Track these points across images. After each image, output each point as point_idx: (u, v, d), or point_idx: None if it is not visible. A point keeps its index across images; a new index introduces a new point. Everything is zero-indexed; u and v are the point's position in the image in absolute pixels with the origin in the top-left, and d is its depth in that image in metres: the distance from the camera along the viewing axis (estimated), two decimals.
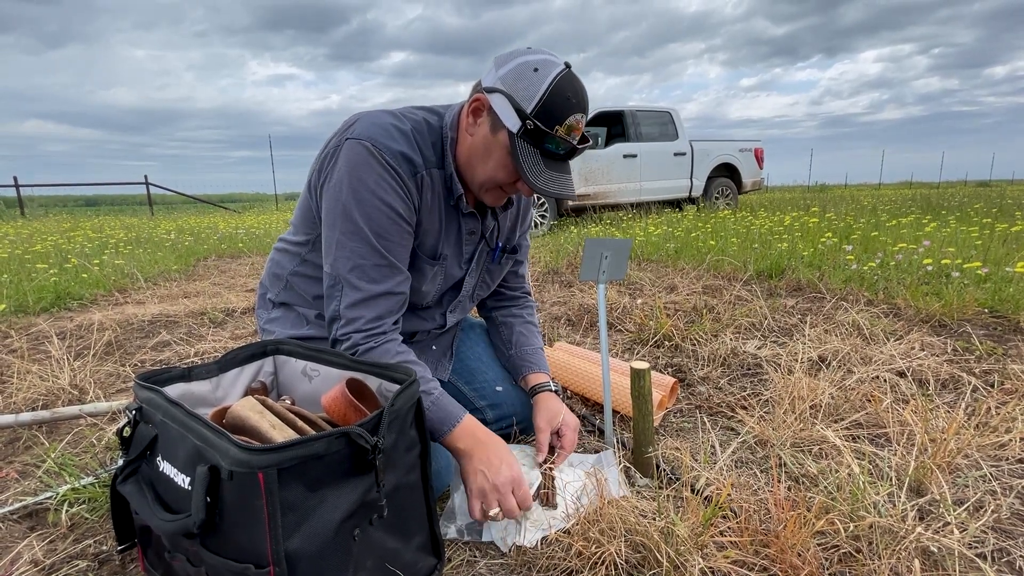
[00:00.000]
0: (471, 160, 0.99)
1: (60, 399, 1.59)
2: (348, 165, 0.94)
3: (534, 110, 0.89)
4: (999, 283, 2.48)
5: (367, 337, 0.97)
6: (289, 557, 0.61)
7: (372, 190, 0.94)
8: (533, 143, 0.92)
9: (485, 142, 0.96)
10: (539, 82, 0.89)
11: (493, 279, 1.23)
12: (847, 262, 3.14)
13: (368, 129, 0.95)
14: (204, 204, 15.95)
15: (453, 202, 1.05)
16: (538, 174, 0.93)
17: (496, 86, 0.91)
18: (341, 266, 0.96)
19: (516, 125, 0.90)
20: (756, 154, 8.17)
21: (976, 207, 6.60)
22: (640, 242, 4.43)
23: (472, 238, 1.11)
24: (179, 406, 0.70)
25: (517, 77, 0.90)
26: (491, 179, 0.98)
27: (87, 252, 4.65)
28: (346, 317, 0.97)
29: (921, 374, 1.59)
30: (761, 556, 0.83)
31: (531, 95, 0.89)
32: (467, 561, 0.89)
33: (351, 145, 0.94)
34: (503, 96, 0.90)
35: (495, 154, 0.95)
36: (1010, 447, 1.16)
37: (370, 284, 0.96)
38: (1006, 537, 0.91)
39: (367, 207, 0.94)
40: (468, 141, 0.99)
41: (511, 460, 0.93)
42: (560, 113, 0.90)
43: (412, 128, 0.99)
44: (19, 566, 0.88)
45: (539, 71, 0.89)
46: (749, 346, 1.88)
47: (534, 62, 0.90)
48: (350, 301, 0.97)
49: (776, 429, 1.25)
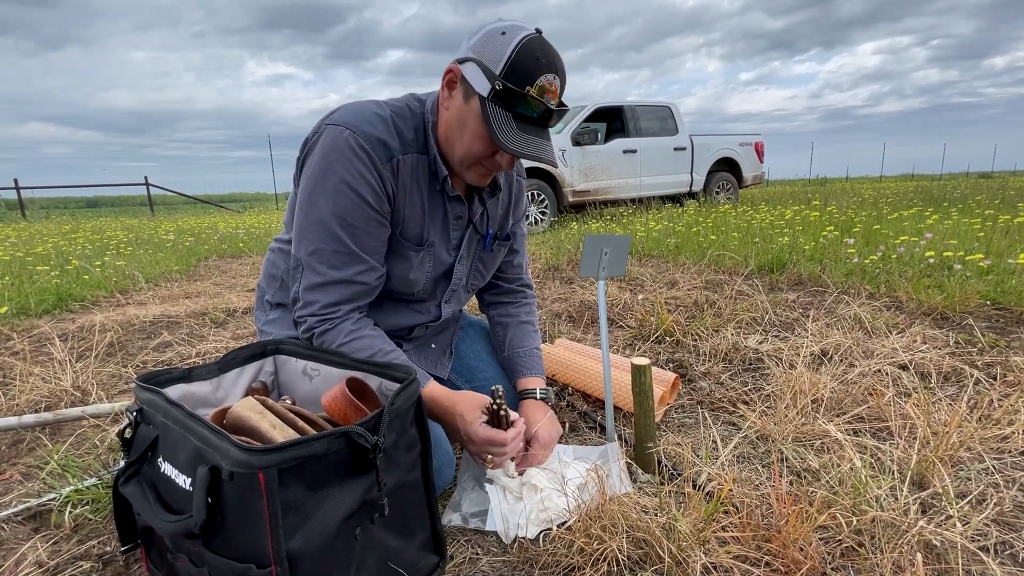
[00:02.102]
0: (449, 136, 0.98)
1: (63, 401, 1.59)
2: (323, 152, 0.94)
3: (503, 71, 0.88)
4: (1001, 275, 2.47)
5: (321, 320, 0.98)
6: (291, 557, 0.61)
7: (341, 176, 0.93)
8: (505, 106, 0.90)
9: (460, 113, 0.95)
10: (506, 44, 0.88)
11: (487, 268, 1.21)
12: (849, 256, 3.13)
13: (346, 115, 0.96)
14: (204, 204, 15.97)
15: (439, 186, 1.04)
16: (511, 136, 0.90)
17: (467, 55, 0.91)
18: (302, 249, 0.98)
19: (486, 88, 0.89)
20: (756, 148, 8.15)
21: (978, 199, 6.58)
22: (641, 238, 4.42)
23: (459, 223, 1.10)
24: (179, 407, 0.70)
25: (485, 43, 0.90)
26: (468, 152, 0.96)
27: (88, 254, 4.65)
28: (304, 300, 0.98)
29: (923, 367, 1.58)
30: (763, 551, 0.83)
31: (499, 57, 0.88)
32: (469, 559, 0.89)
33: (327, 131, 0.95)
34: (473, 63, 0.90)
35: (470, 124, 0.93)
36: (1013, 440, 1.16)
37: (328, 269, 0.97)
38: (1009, 530, 0.91)
39: (333, 193, 0.94)
40: (445, 116, 0.98)
41: (467, 421, 0.96)
42: (530, 73, 0.88)
43: (392, 113, 0.99)
44: (23, 567, 0.88)
45: (506, 34, 0.89)
46: (750, 341, 1.88)
47: (502, 27, 0.90)
48: (307, 284, 0.98)
49: (778, 424, 1.25)
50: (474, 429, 0.95)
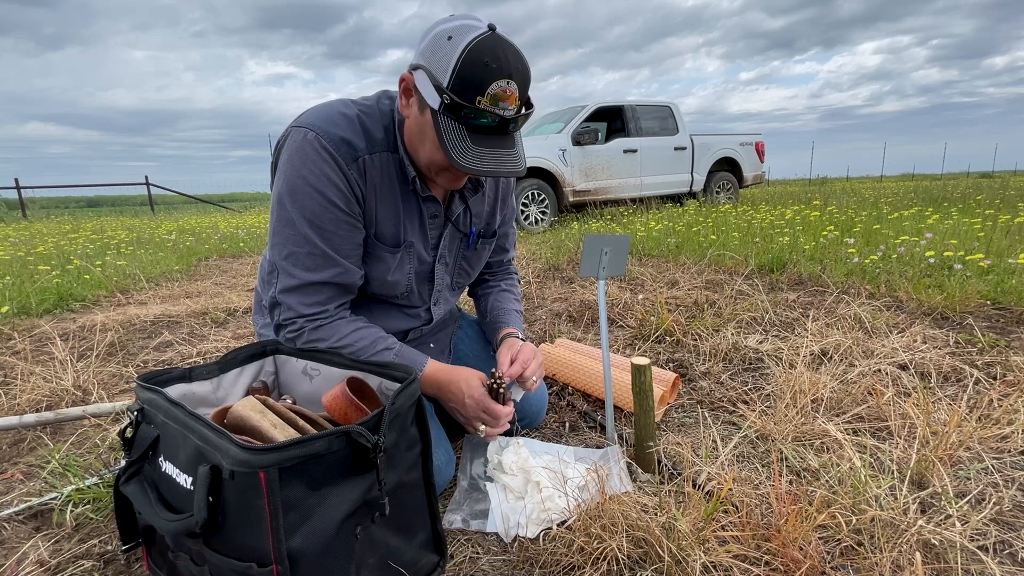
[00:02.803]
0: (412, 143, 0.96)
1: (64, 400, 1.59)
2: (289, 154, 0.94)
3: (449, 82, 0.82)
4: (1002, 275, 2.47)
5: (311, 319, 0.97)
6: (291, 556, 0.62)
7: (306, 178, 0.92)
8: (457, 118, 0.85)
9: (418, 123, 0.91)
10: (452, 51, 0.81)
11: (472, 266, 1.19)
12: (849, 255, 3.13)
13: (311, 117, 0.95)
14: (205, 204, 15.97)
15: (411, 186, 1.01)
16: (463, 151, 0.85)
17: (419, 62, 0.86)
18: (276, 252, 0.97)
19: (436, 101, 0.84)
20: (757, 148, 8.14)
21: (978, 198, 6.57)
22: (641, 237, 4.42)
23: (435, 222, 1.07)
24: (180, 407, 0.70)
25: (433, 49, 0.84)
26: (431, 161, 0.93)
27: (89, 253, 4.66)
28: (284, 303, 0.98)
29: (923, 367, 1.58)
30: (763, 550, 0.83)
31: (445, 67, 0.82)
32: (470, 558, 0.89)
33: (294, 133, 0.94)
34: (423, 72, 0.85)
35: (428, 134, 0.89)
36: (1012, 439, 1.16)
37: (304, 272, 0.96)
38: (1008, 529, 0.91)
39: (300, 195, 0.93)
40: (407, 123, 0.95)
41: (471, 384, 1.00)
42: (478, 82, 0.81)
43: (359, 112, 0.96)
44: (25, 566, 0.88)
45: (452, 39, 0.82)
46: (751, 341, 1.88)
47: (449, 30, 0.83)
48: (284, 286, 0.97)
49: (777, 423, 1.25)
50: (475, 394, 0.99)
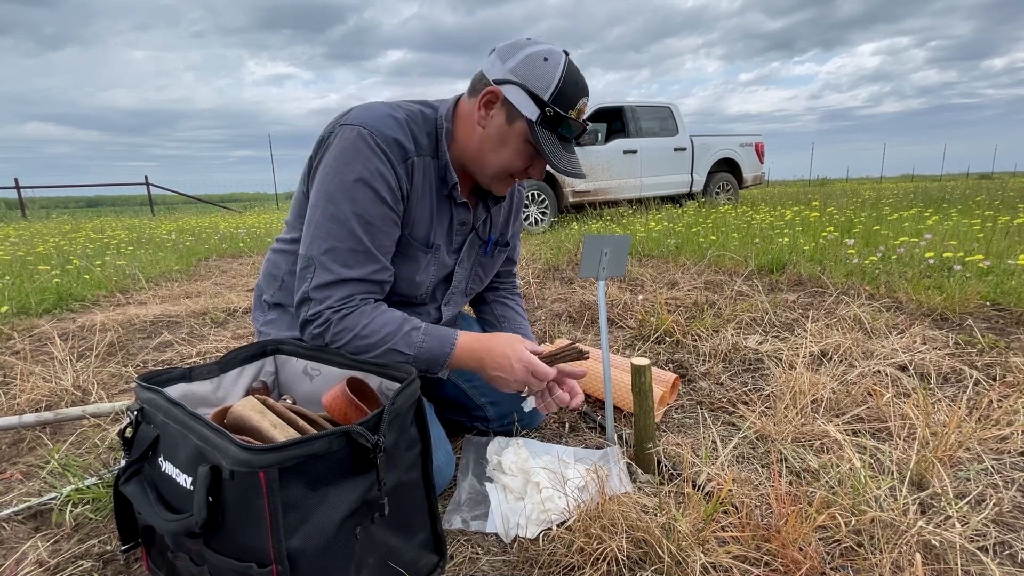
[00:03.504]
0: (482, 151, 1.01)
1: (63, 400, 1.59)
2: (339, 149, 0.95)
3: (551, 97, 0.94)
4: (1001, 276, 2.48)
5: (337, 310, 0.96)
6: (291, 556, 0.62)
7: (359, 173, 0.94)
8: (551, 129, 0.97)
9: (500, 132, 0.99)
10: (552, 71, 0.94)
11: (486, 272, 1.24)
12: (848, 256, 3.13)
13: (361, 115, 0.97)
14: (205, 204, 15.97)
15: (447, 192, 1.06)
16: (560, 157, 0.99)
17: (507, 78, 0.95)
18: (316, 247, 0.96)
19: (535, 113, 0.95)
20: (757, 149, 8.14)
21: (978, 199, 6.58)
22: (641, 238, 4.42)
23: (463, 228, 1.12)
24: (180, 406, 0.70)
25: (529, 67, 0.94)
26: (506, 167, 1.02)
27: (89, 253, 4.66)
28: (315, 298, 0.96)
29: (923, 368, 1.58)
30: (762, 551, 0.83)
31: (547, 84, 0.94)
32: (469, 558, 0.89)
33: (344, 130, 0.95)
34: (517, 87, 0.95)
35: (511, 143, 0.99)
36: (1012, 440, 1.16)
37: (342, 268, 0.95)
38: (1008, 530, 0.91)
39: (353, 191, 0.94)
40: (478, 133, 1.00)
41: (515, 348, 0.99)
42: (572, 98, 0.96)
43: (406, 116, 1.01)
44: (24, 566, 0.88)
45: (549, 60, 0.95)
46: (750, 341, 1.88)
47: (541, 52, 0.95)
48: (320, 282, 0.95)
49: (777, 424, 1.25)
50: (522, 356, 0.98)
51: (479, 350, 1.00)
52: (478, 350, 1.01)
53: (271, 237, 6.18)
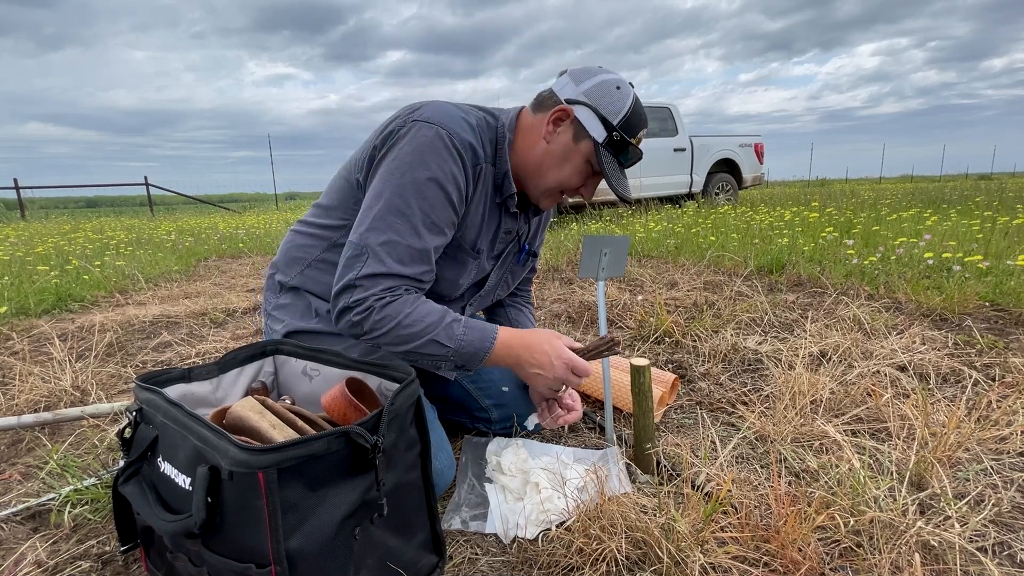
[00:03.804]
0: (543, 165, 1.04)
1: (62, 401, 1.59)
2: (413, 145, 0.94)
3: (620, 123, 0.99)
4: (1000, 276, 2.48)
5: (380, 298, 0.93)
6: (290, 556, 0.61)
7: (434, 174, 0.94)
8: (613, 152, 1.02)
9: (565, 149, 1.02)
10: (623, 99, 1.00)
11: (513, 280, 1.26)
12: (848, 257, 3.13)
13: (438, 115, 0.97)
14: (204, 204, 15.96)
15: (499, 200, 1.07)
16: (618, 180, 1.04)
17: (580, 99, 1.00)
18: (372, 237, 0.93)
19: (602, 135, 1.00)
20: (756, 149, 8.15)
21: (977, 200, 6.59)
22: (640, 238, 4.42)
23: (507, 237, 1.14)
24: (179, 407, 0.70)
25: (602, 93, 1.00)
26: (562, 184, 1.05)
27: (88, 254, 4.65)
28: (362, 285, 0.93)
29: (922, 368, 1.59)
30: (762, 551, 0.83)
31: (617, 110, 0.99)
32: (468, 559, 0.89)
33: (420, 127, 0.95)
34: (588, 109, 1.00)
35: (573, 161, 1.03)
36: (1011, 440, 1.16)
37: (395, 263, 0.93)
38: (1007, 531, 0.91)
39: (424, 189, 0.93)
40: (542, 147, 1.03)
41: (555, 345, 1.01)
42: (636, 127, 1.02)
43: (476, 122, 1.02)
44: (23, 567, 0.88)
45: (620, 89, 1.01)
46: (750, 342, 1.88)
47: (614, 80, 1.01)
48: (370, 271, 0.92)
49: (776, 425, 1.25)
50: (563, 354, 1.00)
51: (518, 347, 1.00)
52: (517, 347, 1.00)
53: (271, 237, 6.18)
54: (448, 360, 0.98)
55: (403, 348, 0.95)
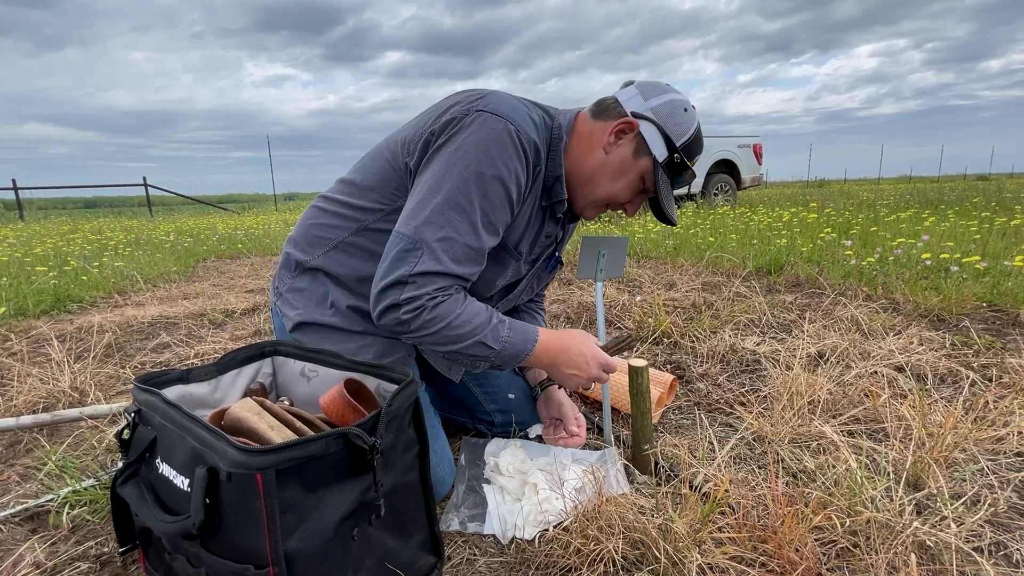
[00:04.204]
0: (596, 175, 1.01)
1: (60, 402, 1.59)
2: (480, 137, 0.88)
3: (683, 145, 0.98)
4: (998, 277, 2.48)
5: (433, 297, 0.88)
6: (288, 557, 0.62)
7: (500, 172, 0.88)
8: (670, 174, 1.00)
9: (623, 162, 0.99)
10: (689, 122, 0.98)
11: (538, 284, 1.22)
12: (846, 257, 3.14)
13: (504, 107, 0.91)
14: (203, 205, 15.95)
15: (546, 203, 1.03)
16: (669, 201, 1.02)
17: (647, 115, 0.98)
18: (430, 232, 0.87)
19: (663, 155, 0.98)
20: (755, 150, 8.16)
21: (975, 201, 6.60)
22: (639, 239, 4.43)
23: (546, 242, 1.10)
24: (177, 408, 0.70)
25: (670, 112, 0.98)
26: (612, 196, 1.02)
27: (86, 254, 4.65)
28: (415, 283, 0.87)
29: (919, 369, 1.59)
30: (759, 552, 0.83)
31: (683, 132, 0.98)
32: (467, 559, 0.89)
33: (487, 118, 0.89)
34: (654, 126, 0.97)
35: (628, 176, 1.00)
36: (1007, 441, 1.16)
37: (451, 262, 0.88)
38: (1003, 531, 0.92)
39: (488, 186, 0.88)
40: (599, 156, 1.00)
41: (589, 346, 1.01)
42: (695, 152, 1.01)
43: (538, 119, 0.98)
44: (21, 568, 0.88)
45: (688, 112, 0.99)
46: (748, 342, 1.88)
47: (683, 102, 0.99)
48: (424, 269, 0.87)
49: (774, 425, 1.25)
50: (597, 354, 1.01)
51: (555, 349, 0.99)
52: (554, 349, 0.99)
53: (269, 238, 6.18)
54: (489, 361, 0.95)
55: (447, 348, 0.91)
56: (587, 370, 1.00)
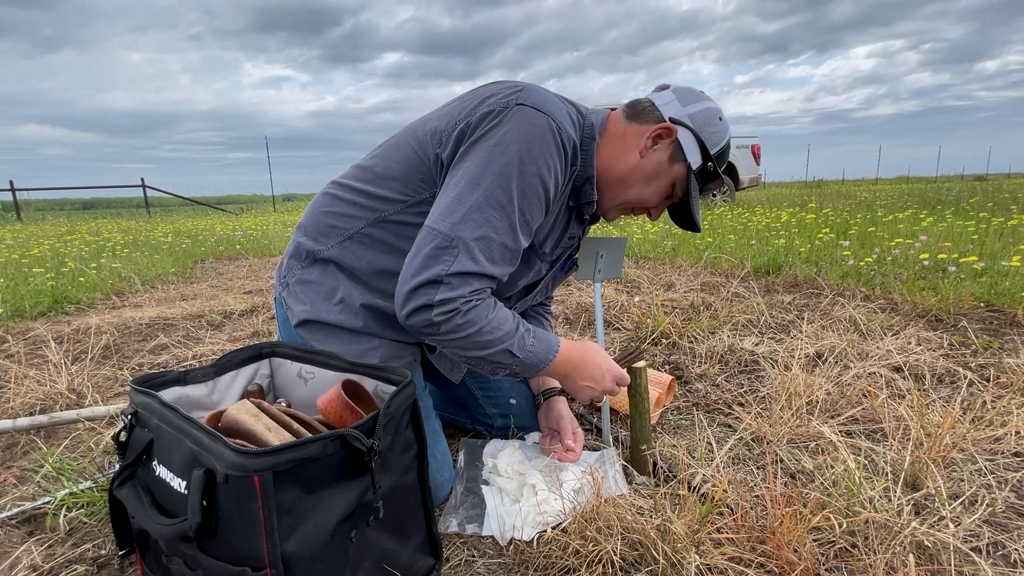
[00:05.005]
0: (628, 179, 0.99)
1: (58, 404, 1.58)
2: (522, 132, 0.85)
3: (716, 154, 0.98)
4: (995, 277, 2.49)
5: (468, 301, 0.85)
6: (286, 559, 0.61)
7: (541, 171, 0.86)
8: (701, 181, 1.00)
9: (657, 167, 0.98)
10: (723, 132, 0.99)
11: (553, 285, 1.21)
12: (844, 258, 3.14)
13: (545, 102, 0.88)
14: (201, 206, 15.92)
15: (573, 203, 1.01)
16: (698, 209, 1.03)
17: (685, 121, 0.97)
18: (467, 231, 0.83)
19: (698, 163, 0.98)
20: (753, 151, 8.17)
21: (972, 201, 6.61)
22: (638, 240, 4.43)
23: (569, 243, 1.09)
24: (174, 410, 0.70)
25: (706, 120, 0.98)
26: (641, 201, 1.02)
27: (84, 256, 4.64)
28: (451, 283, 0.83)
29: (917, 369, 1.59)
30: (757, 552, 0.83)
31: (717, 141, 0.98)
32: (465, 561, 0.89)
33: (527, 112, 0.86)
34: (691, 133, 0.97)
35: (660, 180, 1.00)
36: (1005, 441, 1.16)
37: (487, 262, 0.85)
38: (1001, 531, 0.92)
39: (529, 184, 0.85)
40: (632, 160, 0.98)
41: (605, 358, 1.02)
42: (724, 162, 1.02)
43: (575, 117, 0.95)
44: (18, 571, 0.88)
45: (722, 121, 0.99)
46: (746, 343, 1.89)
47: (717, 111, 1.00)
48: (461, 269, 0.83)
49: (773, 426, 1.25)
50: (613, 368, 1.02)
51: (573, 360, 0.98)
52: (572, 360, 0.98)
53: (268, 239, 6.17)
54: (510, 368, 0.92)
55: (472, 353, 0.88)
56: (602, 383, 1.00)
